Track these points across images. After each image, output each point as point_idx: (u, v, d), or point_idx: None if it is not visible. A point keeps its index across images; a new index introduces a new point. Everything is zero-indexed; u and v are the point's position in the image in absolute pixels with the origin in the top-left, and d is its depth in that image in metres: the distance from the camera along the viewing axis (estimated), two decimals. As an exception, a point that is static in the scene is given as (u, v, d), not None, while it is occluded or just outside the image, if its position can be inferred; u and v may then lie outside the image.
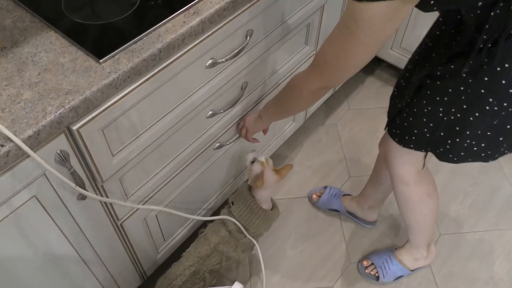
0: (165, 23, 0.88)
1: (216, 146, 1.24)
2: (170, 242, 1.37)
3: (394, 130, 1.12)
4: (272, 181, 1.25)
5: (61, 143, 0.79)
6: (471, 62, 0.86)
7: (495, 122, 0.94)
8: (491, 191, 1.74)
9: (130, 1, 0.93)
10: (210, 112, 1.13)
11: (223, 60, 1.02)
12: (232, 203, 1.29)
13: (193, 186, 1.28)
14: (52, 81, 0.78)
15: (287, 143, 1.82)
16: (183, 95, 1.00)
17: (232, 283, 1.05)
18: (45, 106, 0.74)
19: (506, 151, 1.04)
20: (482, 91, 0.89)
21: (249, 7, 1.01)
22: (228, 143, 1.29)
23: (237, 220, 1.25)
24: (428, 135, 1.03)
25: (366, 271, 1.51)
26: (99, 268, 1.12)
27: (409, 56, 1.13)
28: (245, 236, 1.26)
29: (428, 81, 0.98)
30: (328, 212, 1.67)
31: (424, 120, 1.02)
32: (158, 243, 1.31)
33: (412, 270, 1.49)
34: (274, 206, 1.34)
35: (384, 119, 1.18)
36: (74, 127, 0.79)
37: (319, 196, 1.68)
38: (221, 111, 1.16)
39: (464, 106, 0.93)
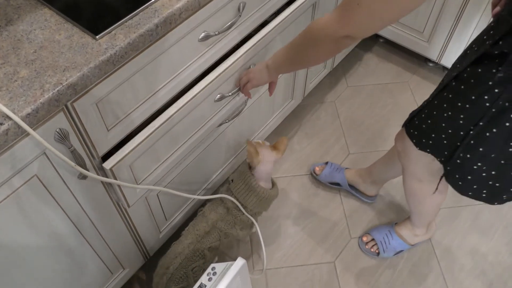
0: (161, -2, 0.87)
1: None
2: (172, 222, 1.38)
3: (411, 130, 1.06)
4: (270, 158, 1.25)
5: (60, 121, 0.79)
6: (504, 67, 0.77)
7: (510, 149, 0.86)
8: (490, 164, 1.74)
9: (125, -24, 0.91)
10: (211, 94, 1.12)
11: (216, 33, 1.01)
12: (232, 181, 1.29)
13: (194, 165, 1.28)
14: (48, 58, 0.77)
15: (285, 122, 1.81)
16: (176, 70, 0.99)
17: (234, 260, 1.06)
18: (42, 83, 0.73)
19: None
20: (507, 104, 0.81)
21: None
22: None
23: (235, 197, 1.26)
24: (445, 141, 0.96)
25: (367, 246, 1.52)
26: (102, 248, 1.12)
27: (407, 31, 1.09)
28: (243, 213, 1.27)
29: (453, 83, 0.90)
30: (329, 189, 1.68)
31: (443, 125, 0.94)
32: (160, 223, 1.32)
33: (412, 245, 1.50)
34: (273, 185, 1.34)
35: (382, 96, 1.17)
36: (68, 102, 0.78)
37: (321, 170, 1.68)
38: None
39: (485, 118, 0.85)
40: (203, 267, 1.24)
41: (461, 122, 0.90)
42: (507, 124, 0.83)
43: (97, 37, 0.80)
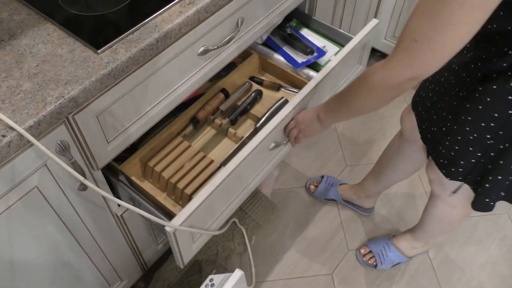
0: (161, 13, 0.89)
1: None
2: (170, 233, 1.38)
3: (441, 160, 1.00)
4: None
5: (61, 133, 0.80)
6: None
7: None
8: (486, 177, 1.76)
9: (126, -8, 0.93)
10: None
11: (215, 47, 1.03)
12: None
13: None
14: (51, 72, 0.78)
15: (283, 134, 1.83)
16: (175, 83, 1.01)
17: (232, 272, 1.06)
18: (45, 96, 0.75)
19: None
20: None
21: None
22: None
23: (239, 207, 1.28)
24: (475, 164, 0.93)
25: (364, 258, 1.53)
26: (100, 260, 1.13)
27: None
28: (242, 223, 1.28)
29: (468, 105, 0.87)
30: (326, 201, 1.69)
31: (470, 149, 0.91)
32: (158, 234, 1.32)
33: (409, 257, 1.51)
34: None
35: (380, 110, 1.17)
36: (70, 115, 0.80)
37: (316, 187, 1.69)
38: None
39: None
40: (199, 281, 1.24)
41: (488, 142, 0.87)
42: None
43: (98, 51, 0.81)
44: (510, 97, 0.79)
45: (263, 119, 1.17)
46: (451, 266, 1.53)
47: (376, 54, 2.17)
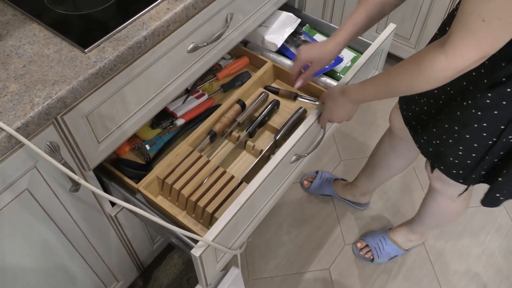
0: (148, 11, 0.88)
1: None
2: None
3: (454, 171, 1.00)
4: None
5: (50, 134, 0.79)
6: None
7: None
8: (480, 167, 1.76)
9: (113, -10, 0.92)
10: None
11: (204, 44, 1.02)
12: None
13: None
14: (38, 72, 0.77)
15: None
16: (165, 81, 1.00)
17: (228, 269, 1.06)
18: (32, 97, 0.74)
19: None
20: None
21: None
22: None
23: None
24: (494, 166, 0.94)
25: (361, 252, 1.53)
26: (95, 261, 1.12)
27: (394, 38, 1.05)
28: None
29: (479, 113, 0.86)
30: (321, 196, 1.68)
31: (488, 154, 0.91)
32: (154, 234, 1.32)
33: (406, 250, 1.51)
34: None
35: (372, 102, 1.14)
36: (58, 115, 0.79)
37: (311, 182, 1.69)
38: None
39: None
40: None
41: (508, 142, 0.88)
42: None
43: (86, 50, 0.80)
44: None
45: (282, 131, 1.13)
46: (447, 257, 1.54)
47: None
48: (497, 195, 0.97)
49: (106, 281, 1.21)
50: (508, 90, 0.81)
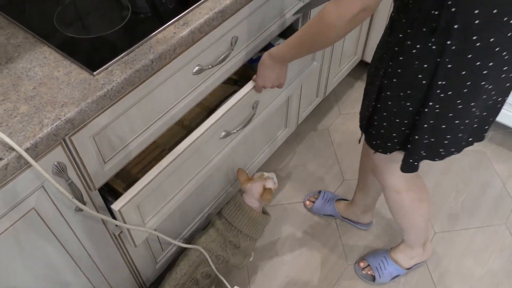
0: (156, 35, 0.90)
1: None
2: (168, 252, 1.38)
3: (373, 142, 1.13)
4: (255, 193, 1.32)
5: (58, 154, 0.81)
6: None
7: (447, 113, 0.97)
8: (482, 187, 1.77)
9: (121, 14, 0.95)
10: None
11: (209, 66, 1.05)
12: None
13: (189, 198, 1.29)
14: (47, 94, 0.80)
15: (280, 149, 1.84)
16: (171, 103, 1.02)
17: (231, 288, 1.06)
18: (41, 119, 0.76)
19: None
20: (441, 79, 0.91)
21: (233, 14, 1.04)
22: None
23: (225, 219, 1.31)
24: (408, 131, 1.03)
25: (363, 272, 1.52)
26: (98, 280, 1.12)
27: None
28: (233, 235, 1.29)
29: (385, 81, 0.98)
30: (324, 216, 1.69)
31: (397, 120, 1.02)
32: (157, 253, 1.32)
33: (408, 269, 1.50)
34: (265, 213, 1.38)
35: None
36: (66, 136, 0.80)
37: (313, 202, 1.70)
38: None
39: (428, 94, 0.95)
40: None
41: (410, 109, 0.98)
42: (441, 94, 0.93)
43: (94, 73, 0.83)
44: (416, 62, 0.91)
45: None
46: (450, 278, 1.53)
47: (370, 69, 2.19)
48: (411, 160, 1.07)
49: (108, 300, 1.21)
50: (401, 58, 0.93)
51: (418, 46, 0.90)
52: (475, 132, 1.08)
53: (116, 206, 0.95)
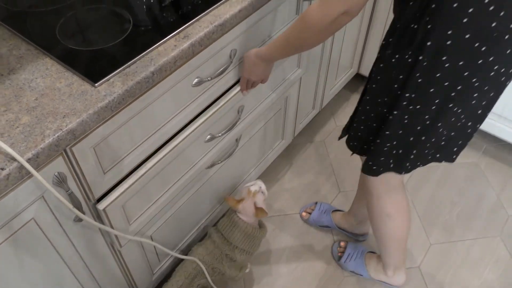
0: (157, 47, 0.92)
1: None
2: (165, 264, 1.38)
3: (351, 143, 1.20)
4: (249, 211, 1.32)
5: (59, 165, 0.82)
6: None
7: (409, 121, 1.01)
8: (477, 199, 1.78)
9: (123, 27, 0.96)
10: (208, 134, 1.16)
11: (208, 78, 1.06)
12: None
13: (185, 208, 1.29)
14: (49, 105, 0.80)
15: (276, 161, 1.85)
16: (171, 114, 1.03)
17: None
18: (43, 129, 0.77)
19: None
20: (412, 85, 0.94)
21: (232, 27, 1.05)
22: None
23: (220, 231, 1.31)
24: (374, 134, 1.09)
25: (337, 249, 1.60)
26: (95, 291, 1.12)
27: None
28: (229, 249, 1.29)
29: (367, 85, 1.04)
30: (320, 227, 1.69)
31: (374, 125, 1.07)
32: (153, 264, 1.32)
33: (370, 276, 1.52)
34: (261, 226, 1.38)
35: None
36: (67, 147, 0.81)
37: (309, 213, 1.70)
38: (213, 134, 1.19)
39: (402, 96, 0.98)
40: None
41: (387, 115, 1.02)
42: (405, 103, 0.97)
43: (96, 84, 0.84)
44: (394, 72, 0.95)
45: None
46: (446, 290, 1.54)
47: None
48: (370, 163, 1.13)
49: (105, 312, 1.21)
50: (381, 65, 0.97)
51: (397, 56, 0.93)
52: (442, 150, 1.10)
53: (101, 205, 0.96)
